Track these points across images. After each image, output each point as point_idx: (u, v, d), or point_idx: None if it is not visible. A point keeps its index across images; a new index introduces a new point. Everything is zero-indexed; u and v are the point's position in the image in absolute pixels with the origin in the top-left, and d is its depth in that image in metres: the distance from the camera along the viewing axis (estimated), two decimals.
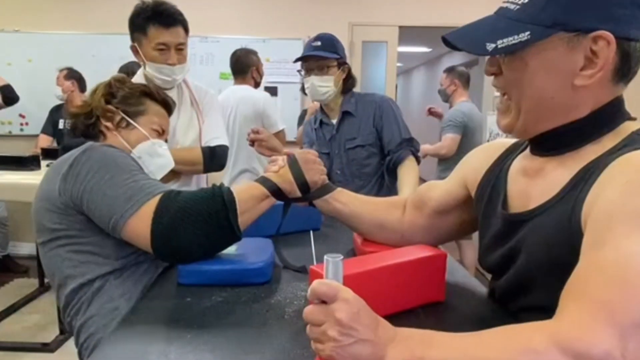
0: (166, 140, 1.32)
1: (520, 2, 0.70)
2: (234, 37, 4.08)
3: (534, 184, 0.76)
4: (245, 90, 2.84)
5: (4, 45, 4.04)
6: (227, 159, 1.83)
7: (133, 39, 1.66)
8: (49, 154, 2.98)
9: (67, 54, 3.94)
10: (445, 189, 1.00)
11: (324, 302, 0.58)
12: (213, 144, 1.74)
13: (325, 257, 0.62)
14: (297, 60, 1.87)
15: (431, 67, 9.14)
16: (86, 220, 1.00)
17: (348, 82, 1.91)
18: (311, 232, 1.34)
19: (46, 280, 3.33)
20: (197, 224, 0.92)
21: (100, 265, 1.02)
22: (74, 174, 0.99)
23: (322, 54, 1.80)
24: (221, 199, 0.95)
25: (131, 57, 2.07)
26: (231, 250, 1.03)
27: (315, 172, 1.08)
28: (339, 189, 1.12)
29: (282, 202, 1.08)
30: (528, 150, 0.81)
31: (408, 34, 4.42)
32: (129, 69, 2.77)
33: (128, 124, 1.19)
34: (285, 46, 4.11)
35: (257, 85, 2.93)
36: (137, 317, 0.84)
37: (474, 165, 0.93)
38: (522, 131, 0.76)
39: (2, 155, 2.85)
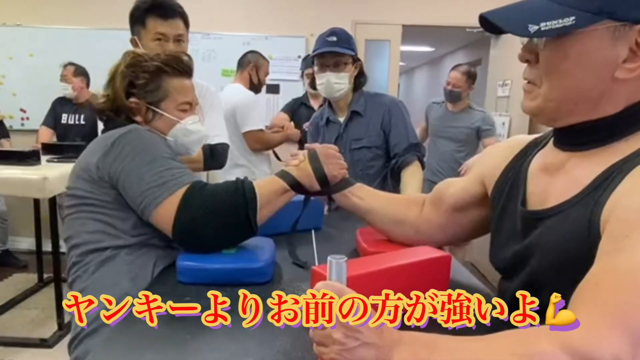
0: (196, 105, 1.29)
1: None
2: (236, 34, 4.06)
3: (555, 180, 0.73)
4: (231, 87, 2.84)
5: (6, 39, 4.02)
6: (227, 158, 1.82)
7: (133, 32, 1.67)
8: (49, 149, 2.96)
9: (68, 48, 3.92)
10: (462, 186, 0.98)
11: None
12: (213, 142, 1.73)
13: (328, 258, 0.61)
14: (313, 55, 1.81)
15: (434, 67, 9.12)
16: (115, 194, 1.05)
17: (360, 79, 1.88)
18: (312, 232, 1.33)
19: (45, 276, 3.32)
20: (217, 218, 0.97)
21: (116, 237, 1.05)
22: (115, 153, 1.03)
23: (339, 50, 1.74)
24: (243, 196, 0.99)
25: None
26: (231, 249, 1.02)
27: (335, 166, 1.09)
28: (358, 184, 1.13)
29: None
30: (549, 146, 0.78)
31: (411, 32, 4.40)
32: None
33: (155, 112, 1.20)
34: (288, 43, 4.09)
35: (253, 84, 2.89)
36: (134, 316, 0.82)
37: (491, 162, 0.91)
38: (550, 119, 0.72)
39: (2, 150, 2.85)
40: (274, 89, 3.06)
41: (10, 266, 3.70)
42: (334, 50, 1.74)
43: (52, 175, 2.41)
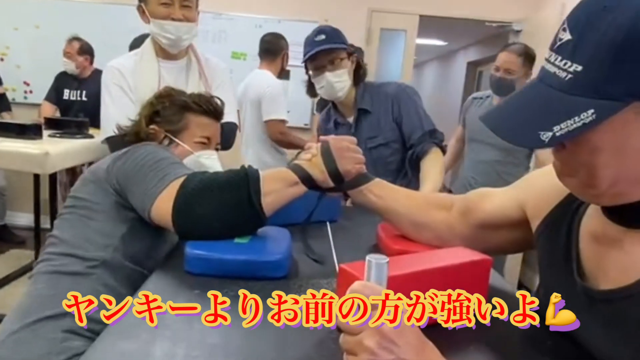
0: (217, 148, 1.33)
1: (571, 70, 0.53)
2: (248, 15, 3.95)
3: (610, 255, 0.62)
4: (259, 74, 2.76)
5: (11, 10, 3.92)
6: (235, 138, 1.73)
7: None
8: (52, 123, 2.87)
9: (75, 22, 3.81)
10: (499, 204, 0.88)
11: None
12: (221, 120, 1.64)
13: (367, 257, 0.53)
14: (306, 59, 1.70)
15: (445, 62, 8.99)
16: (113, 204, 1.03)
17: (359, 72, 1.76)
18: (328, 225, 1.25)
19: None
20: (217, 196, 0.91)
21: (96, 250, 1.01)
22: (126, 157, 1.04)
23: (331, 46, 1.64)
24: (244, 175, 0.93)
25: (142, 30, 1.98)
26: (244, 239, 0.94)
27: (349, 160, 1.00)
28: (377, 179, 1.04)
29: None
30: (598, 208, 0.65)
31: (426, 25, 4.28)
32: (141, 42, 2.67)
33: (171, 141, 1.22)
34: (300, 28, 3.95)
35: (281, 72, 2.82)
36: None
37: (539, 191, 0.78)
38: (595, 201, 0.62)
39: (3, 122, 2.76)
40: (285, 74, 2.96)
41: (7, 242, 3.63)
42: (325, 48, 1.63)
43: (54, 150, 2.33)
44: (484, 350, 0.69)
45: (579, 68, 0.52)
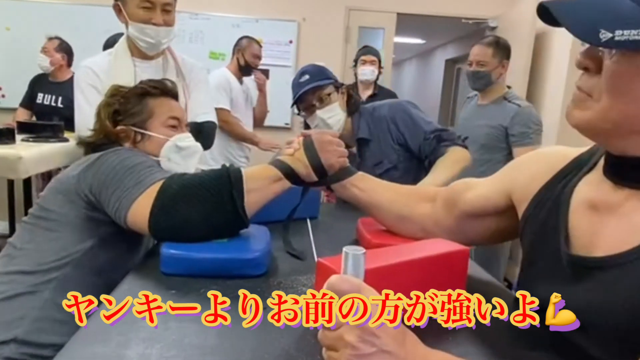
0: (186, 126, 1.29)
1: None
2: (225, 15, 3.92)
3: (605, 222, 0.61)
4: (216, 71, 2.90)
5: None
6: (214, 137, 1.71)
7: None
8: (25, 127, 2.80)
9: (48, 23, 3.72)
10: (482, 193, 0.87)
11: None
12: (199, 119, 1.62)
13: (344, 249, 0.52)
14: (293, 103, 1.70)
15: (423, 60, 9.06)
16: (82, 216, 1.00)
17: (350, 102, 1.73)
18: (308, 221, 1.25)
19: None
20: (197, 197, 0.88)
21: (50, 267, 0.99)
22: (98, 165, 1.00)
23: (315, 84, 1.63)
24: (227, 175, 0.90)
25: (116, 31, 1.94)
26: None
27: (332, 154, 0.99)
28: (360, 173, 1.03)
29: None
30: (598, 173, 0.64)
31: (404, 23, 4.31)
32: (115, 42, 2.62)
33: (143, 135, 1.18)
34: (279, 28, 3.96)
35: (241, 67, 2.92)
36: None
37: (523, 177, 0.78)
38: (602, 140, 0.61)
39: None
40: (245, 70, 2.97)
41: None
42: (310, 88, 1.63)
43: (27, 155, 2.26)
44: (468, 339, 0.68)
45: None
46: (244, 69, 2.93)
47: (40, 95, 3.35)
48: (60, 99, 3.29)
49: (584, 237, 0.63)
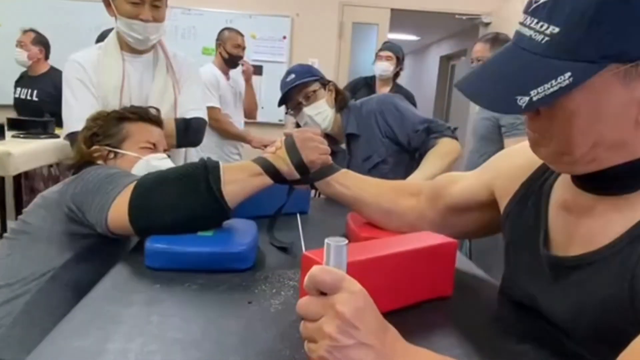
0: (168, 155, 1.29)
1: (547, 32, 0.52)
2: (218, 10, 3.90)
3: (580, 223, 0.62)
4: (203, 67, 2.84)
5: None
6: (203, 134, 1.69)
7: None
8: (15, 124, 2.77)
9: (37, 19, 3.68)
10: (465, 186, 0.87)
11: (323, 293, 0.47)
12: (189, 115, 1.60)
13: (326, 240, 0.51)
14: (280, 103, 1.73)
15: (418, 56, 9.06)
16: (62, 231, 1.01)
17: (339, 99, 1.74)
18: (298, 216, 1.23)
19: None
20: (172, 182, 0.89)
21: (24, 281, 1.00)
22: (79, 180, 1.01)
23: (300, 81, 1.66)
24: (202, 163, 0.90)
25: (107, 26, 1.92)
26: (208, 231, 0.91)
27: (313, 151, 0.97)
28: (344, 170, 1.02)
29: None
30: (567, 177, 0.65)
31: (398, 19, 4.30)
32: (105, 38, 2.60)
33: (116, 153, 1.19)
34: (272, 23, 3.94)
35: (225, 60, 2.88)
36: (92, 306, 0.71)
37: (506, 171, 0.78)
38: (569, 170, 0.61)
39: None
40: (256, 70, 2.94)
41: None
42: (295, 85, 1.65)
43: (17, 151, 2.25)
44: (452, 334, 0.68)
45: (556, 30, 0.51)
46: (228, 61, 2.88)
47: (17, 90, 3.29)
48: (35, 92, 3.22)
49: (561, 237, 0.64)
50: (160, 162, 1.21)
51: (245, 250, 0.86)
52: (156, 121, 1.29)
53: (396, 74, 3.14)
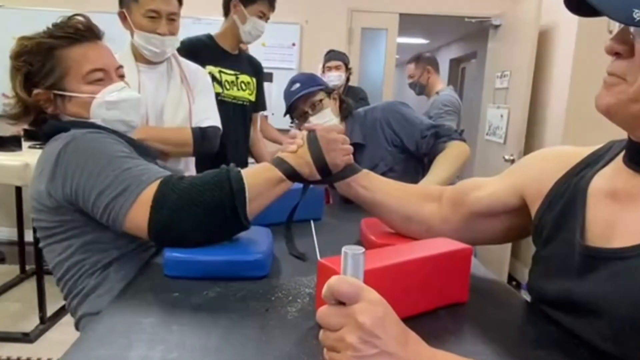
0: (121, 75, 1.11)
1: None
2: None
3: (625, 212, 0.60)
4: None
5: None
6: (218, 142, 1.72)
7: (122, 4, 1.57)
8: (31, 134, 2.82)
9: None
10: (492, 192, 0.86)
11: (341, 303, 0.48)
12: (204, 124, 1.64)
13: (343, 249, 0.52)
14: (286, 112, 1.74)
15: None
16: (80, 216, 0.96)
17: (343, 107, 1.76)
18: (312, 222, 1.24)
19: (27, 267, 3.19)
20: (199, 216, 0.84)
21: (98, 259, 1.00)
22: (61, 173, 0.92)
23: (306, 91, 1.67)
24: (229, 188, 0.85)
25: (116, 37, 1.94)
26: None
27: (338, 153, 0.96)
28: (365, 171, 1.01)
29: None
30: (616, 165, 0.64)
31: (407, 23, 4.30)
32: None
33: (63, 96, 1.02)
34: (282, 30, 3.96)
35: None
36: (115, 315, 0.72)
37: (535, 175, 0.78)
38: (631, 125, 0.60)
39: None
40: (267, 77, 2.96)
41: None
42: (301, 95, 1.66)
43: (34, 162, 2.28)
44: (471, 339, 0.68)
45: None
46: None
47: None
48: None
49: (600, 228, 0.63)
50: (118, 94, 1.06)
51: (262, 258, 0.87)
52: (92, 33, 1.06)
53: (347, 79, 3.18)
